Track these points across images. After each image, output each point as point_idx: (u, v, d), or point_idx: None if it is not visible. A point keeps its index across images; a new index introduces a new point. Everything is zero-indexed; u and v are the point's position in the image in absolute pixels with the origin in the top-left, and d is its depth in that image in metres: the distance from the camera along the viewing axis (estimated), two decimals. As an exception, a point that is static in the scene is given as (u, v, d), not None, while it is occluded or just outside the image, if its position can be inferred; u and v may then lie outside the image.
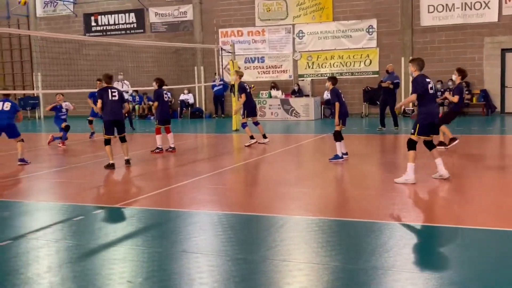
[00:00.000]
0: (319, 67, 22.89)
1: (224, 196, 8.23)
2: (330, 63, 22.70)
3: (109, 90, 10.62)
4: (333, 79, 10.88)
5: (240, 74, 14.80)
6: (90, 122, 16.38)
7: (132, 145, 14.86)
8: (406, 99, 8.61)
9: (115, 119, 10.64)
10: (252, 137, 13.71)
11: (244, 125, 14.10)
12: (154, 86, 12.80)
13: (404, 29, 21.52)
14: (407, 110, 21.15)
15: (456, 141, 11.60)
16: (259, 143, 13.64)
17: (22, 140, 11.54)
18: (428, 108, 8.29)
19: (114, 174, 10.10)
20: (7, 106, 11.51)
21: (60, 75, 21.36)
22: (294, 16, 22.96)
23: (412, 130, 8.33)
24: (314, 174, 9.92)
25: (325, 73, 22.60)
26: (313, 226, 6.18)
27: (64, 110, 15.02)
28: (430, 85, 8.33)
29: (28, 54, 27.35)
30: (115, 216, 7.09)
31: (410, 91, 8.73)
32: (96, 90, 14.61)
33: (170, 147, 12.67)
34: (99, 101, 10.59)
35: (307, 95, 22.20)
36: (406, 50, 21.52)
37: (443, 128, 11.42)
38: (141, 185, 9.14)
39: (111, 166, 10.44)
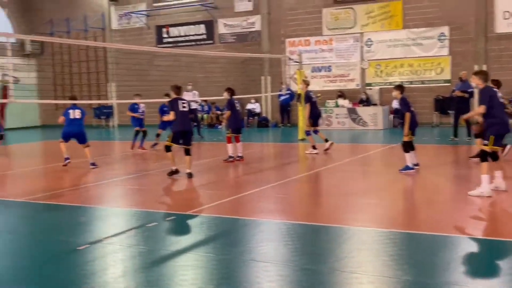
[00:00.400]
0: (388, 76, 22.53)
1: (291, 205, 8.25)
2: (399, 72, 22.29)
3: (179, 101, 10.79)
4: (400, 87, 10.74)
5: (307, 83, 14.93)
6: (158, 135, 16.02)
7: (201, 153, 15.17)
8: (474, 110, 8.36)
9: (185, 130, 10.80)
10: (314, 147, 13.76)
11: (307, 133, 14.22)
12: (226, 96, 12.97)
13: (477, 36, 20.83)
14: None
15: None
16: (325, 150, 13.70)
17: (88, 146, 12.22)
18: (500, 119, 8.04)
19: (184, 182, 10.32)
20: (78, 114, 12.21)
21: (132, 85, 22.16)
22: (362, 25, 22.74)
23: (486, 142, 8.05)
24: (383, 185, 9.76)
25: (394, 82, 22.16)
26: (382, 238, 6.09)
27: (141, 110, 15.71)
28: (499, 94, 8.12)
29: (103, 65, 28.54)
30: (186, 223, 7.25)
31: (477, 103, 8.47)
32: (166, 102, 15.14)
33: (238, 156, 12.83)
34: (172, 113, 10.71)
35: (375, 104, 21.90)
36: (480, 58, 20.81)
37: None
38: (210, 193, 9.30)
39: (174, 173, 10.62)
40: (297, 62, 19.03)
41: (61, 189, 9.96)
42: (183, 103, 10.83)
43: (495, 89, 8.17)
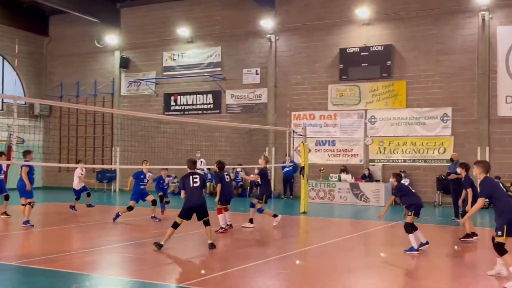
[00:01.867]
0: (391, 153, 22.65)
1: (288, 282, 8.05)
2: (402, 149, 22.42)
3: (191, 176, 10.42)
4: (397, 176, 10.93)
5: (266, 160, 14.53)
6: (130, 208, 14.71)
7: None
8: (473, 208, 8.11)
9: (197, 205, 10.36)
10: (251, 221, 13.74)
11: (258, 210, 13.86)
12: (214, 168, 13.15)
13: (480, 118, 21.08)
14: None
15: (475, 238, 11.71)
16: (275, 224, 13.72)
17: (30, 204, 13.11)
18: (509, 206, 7.72)
19: (179, 252, 10.17)
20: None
21: (137, 151, 22.33)
22: (366, 102, 23.11)
23: (499, 232, 7.60)
24: (382, 264, 9.57)
25: (397, 159, 22.31)
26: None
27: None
28: (500, 184, 8.16)
29: (109, 130, 28.87)
30: (179, 296, 7.08)
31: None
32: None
33: (228, 224, 12.88)
34: (183, 191, 10.42)
35: (378, 180, 21.87)
36: (483, 140, 20.97)
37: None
38: (205, 265, 9.13)
39: (159, 246, 10.10)
40: (301, 135, 19.23)
41: (56, 253, 9.81)
42: (195, 178, 10.44)
43: (496, 180, 8.15)
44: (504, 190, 8.07)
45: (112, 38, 28.47)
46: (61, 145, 29.93)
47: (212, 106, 26.59)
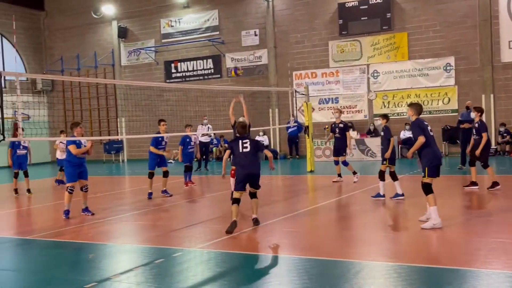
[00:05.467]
0: (395, 106, 22.61)
1: (299, 239, 8.21)
2: (406, 102, 22.34)
3: (240, 141, 9.24)
4: (385, 116, 11.50)
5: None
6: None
7: (210, 186, 15.20)
8: (415, 145, 8.46)
9: (249, 173, 9.09)
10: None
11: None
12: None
13: (483, 65, 20.94)
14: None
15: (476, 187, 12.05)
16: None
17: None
18: (432, 150, 8.31)
19: (192, 216, 10.32)
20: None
21: (142, 120, 22.40)
22: (368, 56, 22.95)
23: (423, 174, 8.30)
24: (392, 216, 9.70)
25: (402, 112, 22.29)
26: (391, 272, 6.05)
27: (192, 143, 15.72)
28: (429, 128, 8.46)
29: (113, 101, 28.89)
30: (194, 259, 7.24)
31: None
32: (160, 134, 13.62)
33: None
34: (227, 152, 9.45)
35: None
36: (487, 87, 20.87)
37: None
38: (218, 228, 9.27)
39: (233, 225, 8.65)
40: (304, 94, 19.19)
41: (70, 226, 10.00)
42: (244, 143, 9.20)
43: (425, 123, 8.46)
44: (431, 134, 8.45)
45: (108, 8, 28.21)
46: (66, 119, 30.00)
47: (212, 71, 26.50)
